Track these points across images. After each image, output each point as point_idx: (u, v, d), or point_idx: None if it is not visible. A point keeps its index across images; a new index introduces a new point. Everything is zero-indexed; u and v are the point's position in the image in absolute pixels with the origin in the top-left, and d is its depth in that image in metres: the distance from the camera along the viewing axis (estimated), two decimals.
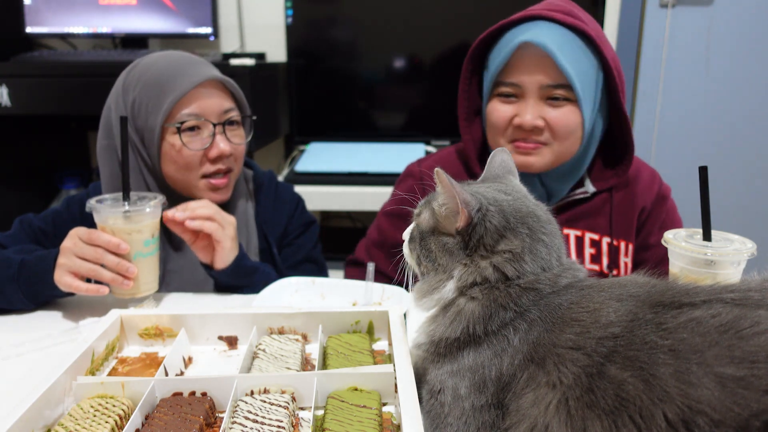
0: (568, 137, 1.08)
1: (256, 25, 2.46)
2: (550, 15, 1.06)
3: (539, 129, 1.07)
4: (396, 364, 0.68)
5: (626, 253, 1.16)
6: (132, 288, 0.99)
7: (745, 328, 0.45)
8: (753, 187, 2.58)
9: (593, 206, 1.16)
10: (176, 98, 1.10)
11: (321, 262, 1.37)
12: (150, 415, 0.64)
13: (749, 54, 2.46)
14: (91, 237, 0.96)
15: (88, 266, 0.96)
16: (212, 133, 1.15)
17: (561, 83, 1.04)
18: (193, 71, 1.13)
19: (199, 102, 1.13)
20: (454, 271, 0.63)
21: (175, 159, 1.14)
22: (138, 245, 0.99)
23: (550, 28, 1.05)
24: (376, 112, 2.42)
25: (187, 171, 1.15)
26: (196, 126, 1.14)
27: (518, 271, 0.60)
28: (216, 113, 1.15)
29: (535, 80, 1.05)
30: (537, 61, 1.04)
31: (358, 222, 2.62)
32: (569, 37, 1.05)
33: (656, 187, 1.19)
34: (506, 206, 0.63)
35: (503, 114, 1.10)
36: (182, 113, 1.12)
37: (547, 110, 1.07)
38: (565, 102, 1.06)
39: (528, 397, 0.53)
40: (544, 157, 1.09)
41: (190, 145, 1.13)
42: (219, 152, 1.15)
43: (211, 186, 1.18)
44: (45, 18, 2.26)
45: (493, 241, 0.61)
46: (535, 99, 1.07)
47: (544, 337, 0.55)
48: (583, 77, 1.04)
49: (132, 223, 0.98)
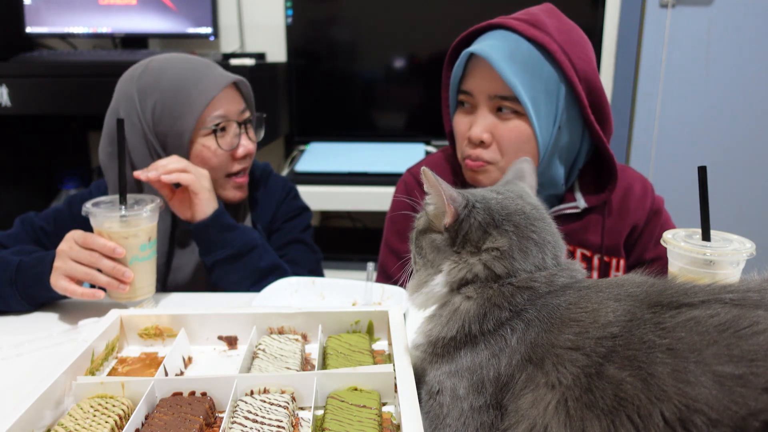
0: (516, 153, 1.05)
1: (256, 25, 2.46)
2: (510, 24, 1.04)
3: (486, 144, 1.06)
4: (396, 364, 0.68)
5: (617, 268, 1.15)
6: (128, 292, 0.99)
7: (743, 328, 0.45)
8: (752, 187, 2.58)
9: (585, 223, 1.14)
10: (207, 101, 1.13)
11: (311, 245, 1.36)
12: (150, 415, 0.64)
13: (749, 54, 2.46)
14: (87, 241, 0.96)
15: (83, 270, 0.95)
16: (238, 133, 1.20)
17: (508, 95, 1.03)
18: (217, 74, 1.17)
19: (223, 103, 1.16)
20: (443, 266, 0.64)
21: (207, 160, 1.17)
22: (134, 249, 0.98)
23: (505, 39, 1.03)
24: (376, 112, 2.42)
25: (218, 171, 1.18)
26: (224, 127, 1.18)
27: (508, 269, 0.61)
28: (237, 113, 1.20)
29: (484, 90, 1.05)
30: (485, 72, 1.04)
31: (358, 222, 2.62)
32: (523, 48, 1.02)
33: (648, 202, 1.16)
34: (493, 204, 0.64)
35: (462, 126, 1.10)
36: (212, 116, 1.15)
37: (497, 123, 1.05)
38: (514, 115, 1.04)
39: (527, 397, 0.53)
40: (491, 174, 1.08)
41: (223, 146, 1.17)
42: (246, 151, 1.21)
43: (236, 184, 1.23)
44: (45, 18, 2.26)
45: (478, 237, 0.62)
46: (485, 110, 1.06)
47: (542, 337, 0.55)
48: (533, 90, 1.02)
49: (128, 227, 0.97)
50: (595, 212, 1.14)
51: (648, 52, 2.49)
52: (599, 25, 2.24)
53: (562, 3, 1.13)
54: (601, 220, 1.14)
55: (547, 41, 1.02)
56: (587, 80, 1.04)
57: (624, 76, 2.49)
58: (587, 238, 1.13)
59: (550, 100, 1.04)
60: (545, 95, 1.03)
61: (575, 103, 1.06)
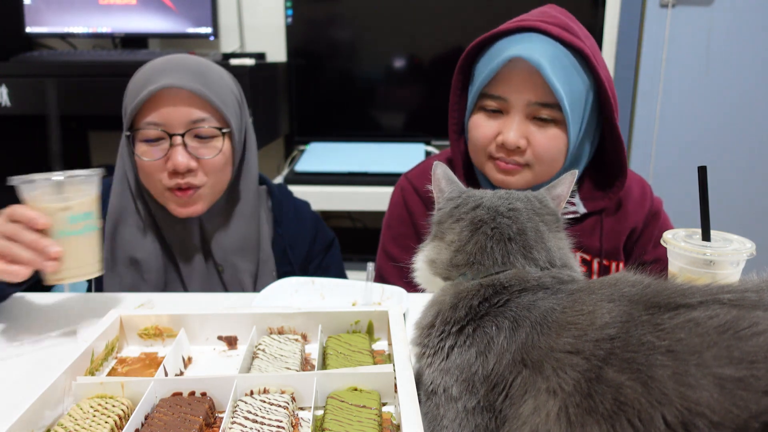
0: (551, 161, 1.04)
1: (256, 25, 2.46)
2: (546, 28, 1.00)
3: (522, 149, 1.03)
4: (396, 364, 0.68)
5: (617, 271, 1.14)
6: (58, 272, 0.87)
7: (743, 329, 0.45)
8: (752, 187, 2.58)
9: (584, 228, 1.13)
10: (136, 106, 1.06)
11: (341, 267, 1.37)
12: (149, 415, 0.64)
13: (749, 54, 2.46)
14: (13, 212, 0.87)
15: (2, 244, 0.85)
16: (169, 145, 1.08)
17: (549, 102, 1.00)
18: (158, 78, 1.06)
19: (160, 111, 1.07)
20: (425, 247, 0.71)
21: (140, 168, 1.12)
22: (62, 222, 0.87)
23: (544, 43, 0.99)
24: (376, 112, 2.42)
25: (150, 181, 1.12)
26: (159, 136, 1.08)
27: (465, 262, 0.65)
28: (181, 123, 1.08)
29: (523, 97, 1.01)
30: (526, 77, 0.99)
31: (358, 222, 2.62)
32: (562, 53, 0.99)
33: (647, 205, 1.15)
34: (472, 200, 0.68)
35: (487, 130, 1.05)
36: (143, 121, 1.07)
37: (532, 130, 1.02)
38: (551, 123, 1.02)
39: (528, 404, 0.53)
40: (524, 177, 1.06)
41: (145, 155, 1.09)
42: (173, 165, 1.07)
43: (174, 197, 1.11)
44: (45, 18, 2.26)
45: (440, 229, 0.69)
46: (520, 116, 1.02)
47: (538, 340, 0.55)
48: (573, 98, 1.00)
49: (55, 197, 0.87)
50: (594, 216, 1.14)
51: (648, 52, 2.49)
52: (599, 25, 2.24)
53: (563, 3, 1.13)
54: (599, 223, 1.13)
55: (583, 47, 0.99)
56: (610, 85, 1.04)
57: (624, 76, 2.49)
58: (586, 241, 1.13)
59: (581, 107, 1.02)
60: (579, 102, 1.02)
61: (596, 108, 1.06)
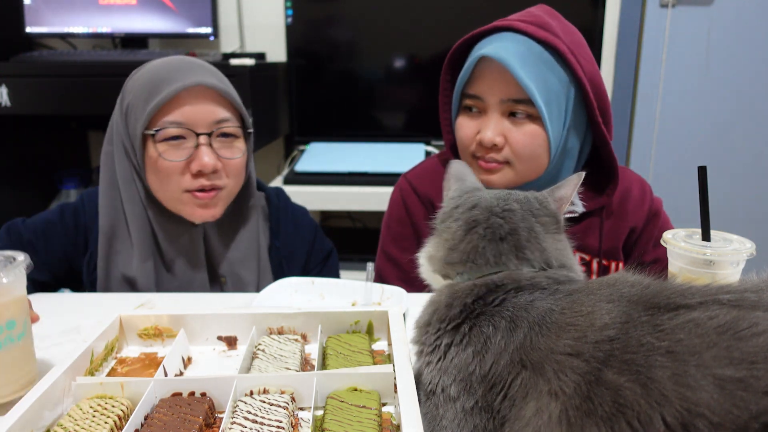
0: (530, 157, 1.05)
1: (256, 25, 2.46)
2: (520, 26, 1.02)
3: (499, 146, 1.04)
4: (396, 364, 0.68)
5: (616, 271, 1.14)
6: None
7: (743, 329, 0.45)
8: (752, 187, 2.58)
9: (583, 227, 1.13)
10: (158, 104, 1.03)
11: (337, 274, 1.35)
12: (149, 415, 0.64)
13: (749, 54, 2.46)
14: None
15: None
16: (196, 144, 1.06)
17: (521, 98, 1.01)
18: (181, 76, 1.04)
19: (183, 109, 1.04)
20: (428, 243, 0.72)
21: (159, 170, 1.06)
22: None
23: (515, 41, 1.01)
24: (376, 112, 2.42)
25: (167, 183, 1.07)
26: (180, 135, 1.05)
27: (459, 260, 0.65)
28: (205, 123, 1.06)
29: (496, 94, 1.02)
30: (497, 76, 1.01)
31: (358, 222, 2.62)
32: (536, 50, 1.00)
33: (647, 204, 1.16)
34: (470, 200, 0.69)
35: (468, 131, 1.08)
36: (164, 120, 1.04)
37: (509, 127, 1.03)
38: (527, 119, 1.03)
39: (530, 405, 0.52)
40: (506, 176, 1.06)
41: (166, 155, 1.05)
42: (200, 166, 1.05)
43: (195, 200, 1.08)
44: (45, 18, 2.26)
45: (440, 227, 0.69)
46: (497, 114, 1.04)
47: (537, 341, 0.55)
48: (549, 94, 1.01)
49: None
50: (593, 215, 1.13)
51: (648, 52, 2.49)
52: (599, 25, 2.24)
53: (563, 3, 1.13)
54: (599, 223, 1.13)
55: (557, 43, 1.01)
56: (593, 81, 1.04)
57: (624, 76, 2.49)
58: (585, 241, 1.13)
59: (560, 103, 1.03)
60: (556, 97, 1.02)
61: (582, 104, 1.06)
